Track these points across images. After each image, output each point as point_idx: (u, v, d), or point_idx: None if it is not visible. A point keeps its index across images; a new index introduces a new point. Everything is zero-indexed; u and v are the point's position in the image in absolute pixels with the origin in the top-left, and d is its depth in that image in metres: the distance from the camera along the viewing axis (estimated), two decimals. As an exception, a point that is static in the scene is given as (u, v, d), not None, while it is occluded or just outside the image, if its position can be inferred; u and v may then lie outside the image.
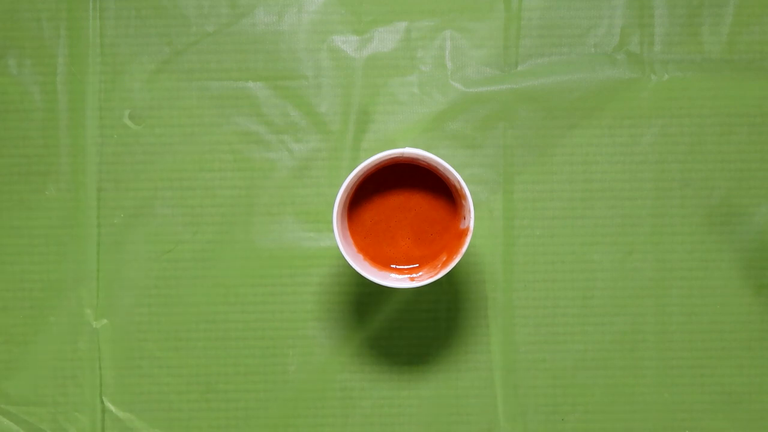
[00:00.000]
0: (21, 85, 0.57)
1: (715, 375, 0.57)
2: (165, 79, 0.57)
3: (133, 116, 0.58)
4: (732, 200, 0.57)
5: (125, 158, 0.57)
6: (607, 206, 0.57)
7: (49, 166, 0.57)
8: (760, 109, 0.57)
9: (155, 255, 0.57)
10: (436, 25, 0.57)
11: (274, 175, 0.57)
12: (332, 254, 0.57)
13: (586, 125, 0.57)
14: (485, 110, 0.57)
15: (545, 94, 0.57)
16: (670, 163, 0.57)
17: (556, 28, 0.57)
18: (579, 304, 0.57)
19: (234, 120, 0.57)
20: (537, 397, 0.57)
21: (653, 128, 0.57)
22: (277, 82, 0.57)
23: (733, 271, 0.57)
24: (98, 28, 0.57)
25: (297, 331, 0.58)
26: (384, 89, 0.57)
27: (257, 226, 0.57)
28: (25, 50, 0.57)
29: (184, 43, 0.57)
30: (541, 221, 0.57)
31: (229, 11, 0.57)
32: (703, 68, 0.57)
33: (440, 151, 0.57)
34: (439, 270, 0.51)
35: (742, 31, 0.57)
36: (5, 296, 0.57)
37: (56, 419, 0.57)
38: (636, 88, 0.57)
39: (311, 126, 0.57)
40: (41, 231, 0.57)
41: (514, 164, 0.57)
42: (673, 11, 0.57)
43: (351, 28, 0.57)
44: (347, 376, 0.58)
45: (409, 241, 0.53)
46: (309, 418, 0.58)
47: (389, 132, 0.57)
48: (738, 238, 0.57)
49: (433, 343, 0.58)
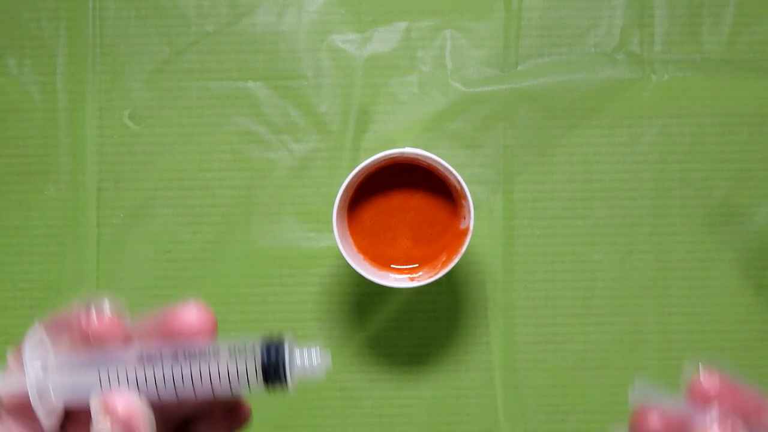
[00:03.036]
0: (21, 85, 0.57)
1: (715, 375, 0.57)
2: (165, 79, 0.57)
3: (133, 116, 0.58)
4: (732, 200, 0.57)
5: (125, 158, 0.57)
6: (607, 206, 0.57)
7: (49, 166, 0.57)
8: (760, 109, 0.57)
9: (155, 255, 0.57)
10: (436, 25, 0.57)
11: (274, 175, 0.57)
12: (332, 254, 0.57)
13: (586, 125, 0.57)
14: (485, 110, 0.57)
15: (545, 94, 0.57)
16: (670, 163, 0.57)
17: (556, 28, 0.57)
18: (579, 304, 0.57)
19: (234, 120, 0.57)
20: (537, 397, 0.57)
21: (653, 128, 0.57)
22: (277, 82, 0.57)
23: (733, 271, 0.57)
24: (98, 28, 0.57)
25: (297, 331, 0.58)
26: (384, 89, 0.57)
27: (257, 226, 0.57)
28: (25, 50, 0.57)
29: (184, 43, 0.57)
30: (541, 221, 0.57)
31: (229, 11, 0.57)
32: (703, 68, 0.57)
33: (440, 151, 0.57)
34: (439, 270, 0.51)
35: (742, 31, 0.57)
36: (5, 296, 0.57)
37: (56, 419, 0.57)
38: (636, 88, 0.57)
39: (311, 126, 0.57)
40: (41, 231, 0.57)
41: (514, 164, 0.57)
42: (673, 11, 0.57)
43: (351, 28, 0.57)
44: (347, 376, 0.58)
45: (408, 241, 0.53)
46: (309, 418, 0.58)
47: (389, 132, 0.57)
48: (738, 238, 0.57)
49: (433, 343, 0.58)
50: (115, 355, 0.28)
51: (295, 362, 0.28)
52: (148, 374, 0.27)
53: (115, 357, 0.28)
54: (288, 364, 0.28)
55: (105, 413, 0.26)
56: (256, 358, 0.28)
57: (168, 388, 0.28)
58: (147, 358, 0.28)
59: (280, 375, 0.28)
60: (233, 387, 0.28)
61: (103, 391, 0.27)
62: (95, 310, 0.28)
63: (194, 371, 0.28)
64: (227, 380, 0.28)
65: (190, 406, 0.30)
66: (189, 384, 0.28)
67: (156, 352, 0.28)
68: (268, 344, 0.28)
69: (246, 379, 0.28)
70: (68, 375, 0.28)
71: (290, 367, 0.28)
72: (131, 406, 0.26)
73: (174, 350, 0.28)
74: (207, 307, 0.29)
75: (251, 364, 0.28)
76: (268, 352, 0.28)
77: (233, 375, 0.28)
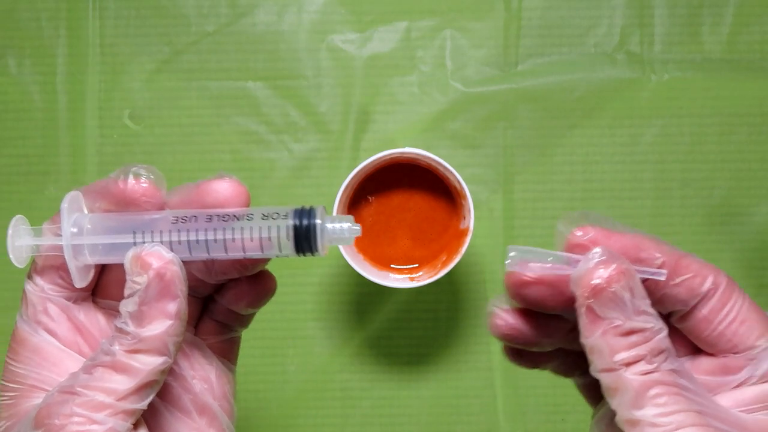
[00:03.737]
0: (21, 85, 0.57)
1: (715, 375, 0.57)
2: (165, 79, 0.57)
3: (133, 116, 0.58)
4: (732, 200, 0.57)
5: (125, 158, 0.57)
6: (607, 206, 0.57)
7: (49, 166, 0.57)
8: (760, 109, 0.57)
9: (155, 255, 0.57)
10: (436, 25, 0.57)
11: (274, 175, 0.57)
12: (332, 254, 0.57)
13: (586, 125, 0.57)
14: (485, 110, 0.57)
15: (545, 94, 0.57)
16: (670, 163, 0.57)
17: (556, 28, 0.57)
18: (579, 304, 0.57)
19: (234, 120, 0.57)
20: (537, 397, 0.57)
21: (653, 128, 0.57)
22: (277, 82, 0.57)
23: (733, 271, 0.57)
24: (98, 27, 0.57)
25: (297, 331, 0.58)
26: (384, 89, 0.57)
27: (257, 226, 0.57)
28: (25, 50, 0.57)
29: (184, 43, 0.57)
30: (541, 221, 0.57)
31: (229, 11, 0.57)
32: (703, 68, 0.57)
33: (440, 151, 0.57)
34: (439, 270, 0.51)
35: (742, 31, 0.57)
36: (5, 296, 0.57)
37: (56, 419, 0.57)
38: (636, 88, 0.57)
39: (311, 126, 0.57)
40: (41, 231, 0.57)
41: (514, 164, 0.57)
42: (673, 11, 0.57)
43: (351, 27, 0.57)
44: (347, 376, 0.58)
45: (408, 241, 0.53)
46: (309, 418, 0.58)
47: (389, 132, 0.57)
48: (738, 238, 0.57)
49: (433, 343, 0.58)
50: (150, 218, 0.28)
51: (326, 225, 0.28)
52: (182, 236, 0.28)
53: (149, 220, 0.28)
54: (319, 227, 0.28)
55: (140, 267, 0.26)
56: (289, 219, 0.28)
57: (201, 247, 0.28)
58: (182, 220, 0.28)
59: (310, 236, 0.28)
60: (264, 247, 0.28)
61: (137, 248, 0.27)
62: (133, 175, 0.28)
63: (227, 232, 0.28)
64: (259, 240, 0.28)
65: (218, 270, 0.30)
66: (221, 243, 0.28)
67: (190, 215, 0.28)
68: (300, 209, 0.28)
69: (278, 240, 0.28)
70: (102, 236, 0.28)
71: (321, 229, 0.28)
72: (165, 260, 0.27)
73: (208, 214, 0.28)
74: (240, 182, 0.29)
75: (283, 224, 0.28)
76: (300, 215, 0.28)
77: (265, 235, 0.28)
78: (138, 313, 0.26)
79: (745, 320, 0.28)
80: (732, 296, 0.28)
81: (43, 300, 0.30)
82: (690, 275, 0.27)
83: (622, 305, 0.25)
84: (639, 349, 0.25)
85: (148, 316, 0.26)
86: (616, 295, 0.25)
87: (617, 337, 0.25)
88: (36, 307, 0.30)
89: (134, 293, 0.26)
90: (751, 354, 0.27)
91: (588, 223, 0.28)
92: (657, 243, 0.28)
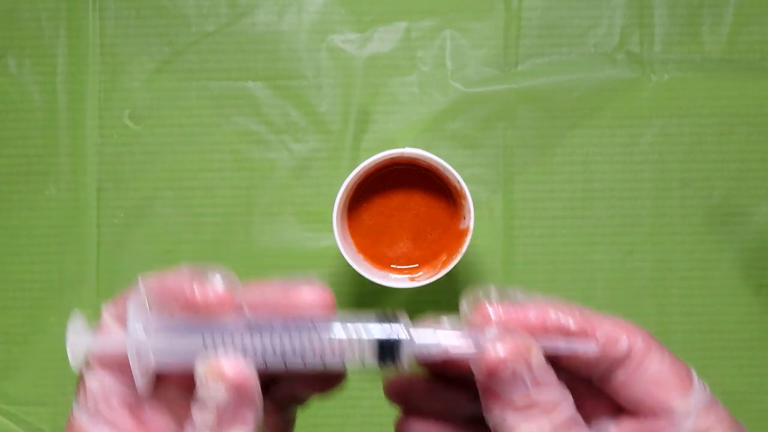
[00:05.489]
0: (21, 85, 0.57)
1: (715, 375, 0.57)
2: (165, 79, 0.57)
3: (133, 116, 0.58)
4: (732, 200, 0.57)
5: (125, 158, 0.57)
6: (607, 206, 0.57)
7: (49, 166, 0.57)
8: (760, 109, 0.57)
9: (155, 255, 0.57)
10: (436, 25, 0.57)
11: (274, 175, 0.57)
12: (332, 254, 0.57)
13: (586, 125, 0.57)
14: (485, 110, 0.57)
15: (545, 94, 0.57)
16: (670, 163, 0.57)
17: (556, 28, 0.57)
18: (579, 304, 0.57)
19: (234, 120, 0.57)
20: (537, 397, 0.57)
21: (653, 128, 0.57)
22: (277, 82, 0.57)
23: (733, 271, 0.57)
24: (98, 28, 0.57)
25: (297, 331, 0.58)
26: (384, 89, 0.57)
27: (257, 226, 0.57)
28: (24, 50, 0.57)
29: (184, 43, 0.57)
30: (541, 221, 0.57)
31: (229, 11, 0.57)
32: (703, 68, 0.57)
33: (440, 151, 0.57)
34: (439, 270, 0.51)
35: (742, 31, 0.57)
36: (5, 296, 0.57)
37: (56, 419, 0.57)
38: (636, 88, 0.57)
39: (311, 126, 0.57)
40: (41, 231, 0.57)
41: (514, 164, 0.57)
42: (673, 11, 0.57)
43: (351, 28, 0.57)
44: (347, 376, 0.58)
45: (408, 241, 0.53)
46: (309, 418, 0.58)
47: (389, 132, 0.57)
48: (738, 238, 0.57)
49: (433, 343, 0.58)
50: (221, 322, 0.26)
51: (412, 341, 0.27)
52: (255, 341, 0.26)
53: (220, 323, 0.26)
54: (403, 344, 0.27)
55: (214, 377, 0.25)
56: (373, 334, 0.27)
57: (277, 356, 0.26)
58: (256, 325, 0.26)
59: (394, 353, 0.27)
60: (347, 360, 0.27)
61: (210, 355, 0.26)
62: (207, 282, 0.27)
63: (306, 341, 0.26)
64: (341, 353, 0.27)
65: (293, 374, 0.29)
66: (300, 353, 0.26)
67: (265, 321, 0.26)
68: (383, 318, 0.27)
69: (362, 354, 0.27)
70: (169, 338, 0.26)
71: (406, 346, 0.27)
72: (242, 370, 0.25)
73: (285, 320, 0.26)
74: (327, 287, 0.27)
75: (367, 337, 0.27)
76: (384, 328, 0.27)
77: (347, 348, 0.27)
78: (216, 421, 0.25)
79: (662, 380, 0.27)
80: (648, 355, 0.27)
81: (104, 391, 0.28)
82: (602, 339, 0.27)
83: (520, 382, 0.25)
84: (540, 422, 0.25)
85: (226, 425, 0.25)
86: (513, 373, 0.25)
87: (516, 413, 0.25)
88: (97, 399, 0.28)
89: (209, 401, 0.25)
90: (672, 416, 0.26)
91: (491, 301, 0.27)
92: (564, 309, 0.27)
